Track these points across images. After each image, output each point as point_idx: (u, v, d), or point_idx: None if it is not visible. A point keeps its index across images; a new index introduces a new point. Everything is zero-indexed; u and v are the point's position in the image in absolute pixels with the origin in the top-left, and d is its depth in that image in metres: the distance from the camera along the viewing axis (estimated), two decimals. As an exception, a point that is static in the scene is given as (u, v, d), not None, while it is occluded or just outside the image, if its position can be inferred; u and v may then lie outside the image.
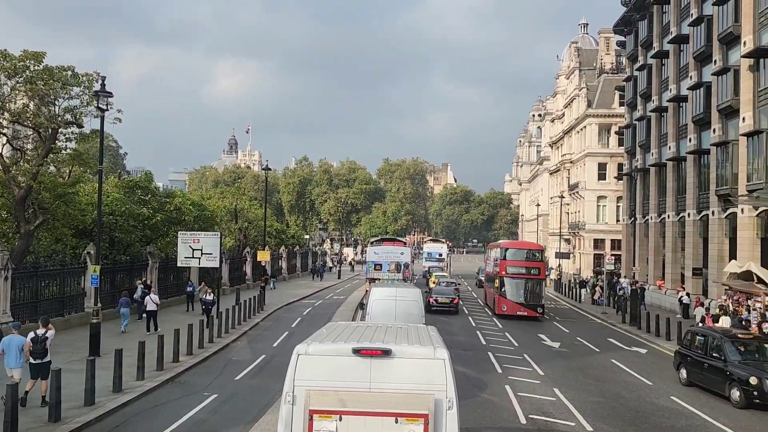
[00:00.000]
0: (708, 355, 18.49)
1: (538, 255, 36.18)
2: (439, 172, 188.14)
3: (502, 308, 34.31)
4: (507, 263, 34.69)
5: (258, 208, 60.16)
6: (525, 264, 34.76)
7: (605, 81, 66.93)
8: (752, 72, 30.64)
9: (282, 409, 7.90)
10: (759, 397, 16.35)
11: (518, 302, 34.09)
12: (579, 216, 67.65)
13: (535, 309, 34.14)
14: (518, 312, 33.82)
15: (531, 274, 34.52)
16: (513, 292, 34.25)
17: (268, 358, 21.67)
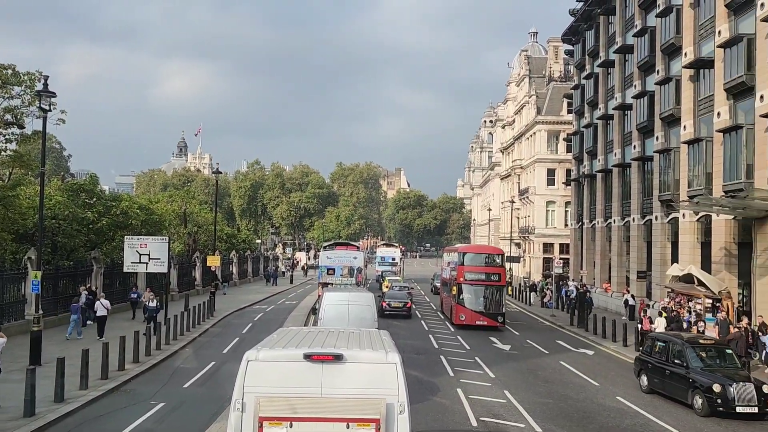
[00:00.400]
0: (669, 362, 17.98)
1: (498, 260, 33.64)
2: (393, 177, 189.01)
3: (460, 318, 31.82)
4: (465, 269, 32.32)
5: (208, 212, 59.21)
6: (484, 269, 32.49)
7: (554, 89, 68.46)
8: (693, 82, 31.82)
9: (231, 417, 7.77)
10: (723, 405, 15.84)
11: (477, 311, 31.65)
12: (529, 220, 68.93)
13: (496, 318, 31.73)
14: (477, 322, 31.42)
15: (491, 281, 32.16)
16: (472, 300, 31.81)
17: (217, 365, 21.28)
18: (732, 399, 15.75)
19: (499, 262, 33.53)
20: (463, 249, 36.15)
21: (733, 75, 27.06)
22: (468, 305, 31.81)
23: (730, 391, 15.84)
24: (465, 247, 42.55)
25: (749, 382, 16.18)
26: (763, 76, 25.08)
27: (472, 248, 40.53)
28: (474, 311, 31.71)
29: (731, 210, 25.51)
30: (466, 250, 35.23)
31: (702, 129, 30.85)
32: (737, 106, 27.81)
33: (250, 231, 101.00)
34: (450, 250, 41.11)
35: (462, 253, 33.86)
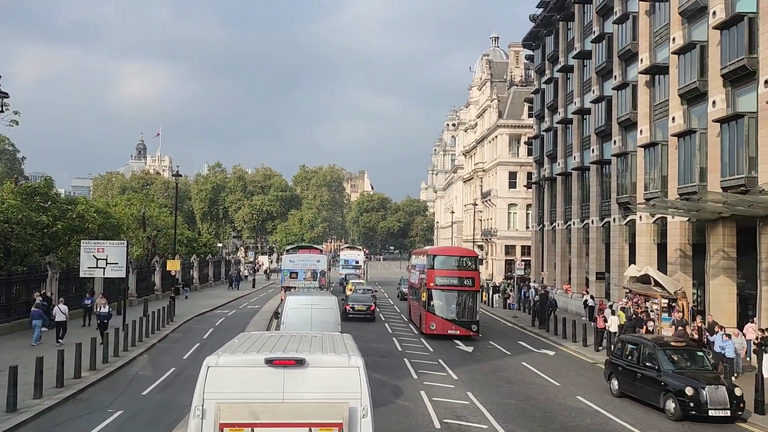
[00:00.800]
0: (640, 365, 17.66)
1: (471, 263, 31.04)
2: (356, 180, 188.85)
3: (430, 327, 29.42)
4: (436, 273, 29.79)
5: (168, 216, 58.24)
6: (457, 273, 29.90)
7: (515, 93, 69.41)
8: (648, 87, 32.61)
9: (191, 424, 7.65)
10: (695, 408, 15.55)
11: (449, 319, 29.31)
12: (491, 223, 69.66)
13: (470, 327, 29.32)
14: (449, 331, 29.13)
15: (464, 286, 29.66)
16: (443, 308, 29.44)
17: (177, 371, 20.90)
18: (705, 402, 15.48)
19: (473, 266, 31.04)
20: (433, 251, 33.50)
21: (687, 81, 27.82)
22: (439, 313, 29.46)
23: (703, 394, 15.56)
24: (435, 249, 39.47)
25: (722, 384, 15.96)
26: (715, 82, 25.85)
27: (443, 250, 37.38)
28: (446, 319, 29.36)
29: (686, 212, 26.20)
30: (437, 253, 32.54)
31: (658, 133, 31.63)
32: (691, 111, 28.61)
33: (212, 235, 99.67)
34: (418, 253, 38.32)
35: (432, 256, 31.25)
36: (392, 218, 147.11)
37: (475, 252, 36.63)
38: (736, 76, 24.62)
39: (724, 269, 25.49)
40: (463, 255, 32.35)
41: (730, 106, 25.28)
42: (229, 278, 65.13)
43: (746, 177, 23.08)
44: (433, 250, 34.51)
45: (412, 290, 36.24)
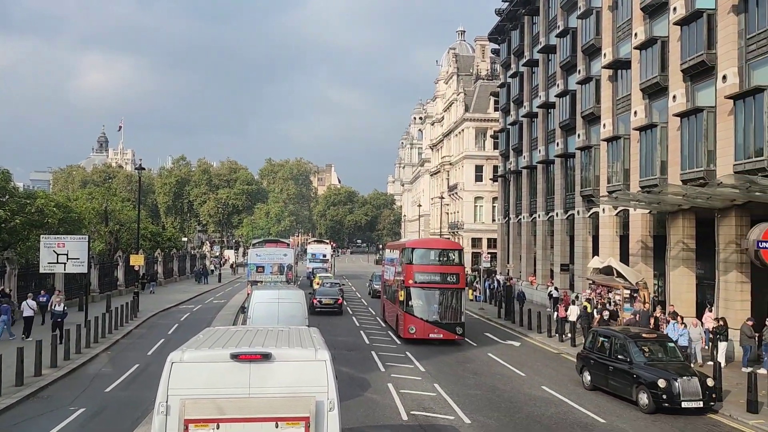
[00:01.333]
0: (612, 358, 17.54)
1: (455, 256, 27.48)
2: (323, 173, 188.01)
3: (409, 330, 26.09)
4: (415, 269, 26.37)
5: (131, 210, 57.24)
6: (439, 269, 26.59)
7: (481, 87, 69.87)
8: (611, 82, 33.14)
9: (155, 421, 7.55)
10: (668, 400, 15.48)
11: (431, 321, 25.98)
12: (458, 216, 70.13)
13: (454, 330, 25.97)
14: (431, 335, 25.87)
15: (447, 283, 26.29)
16: (423, 308, 26.09)
17: (142, 368, 20.60)
18: (677, 394, 15.44)
19: (457, 260, 27.49)
20: (411, 244, 29.48)
21: (649, 76, 28.36)
22: (419, 314, 26.07)
23: (676, 385, 15.52)
24: (414, 241, 34.75)
25: (694, 376, 15.96)
26: (676, 77, 26.41)
27: (423, 243, 32.82)
28: (427, 322, 25.99)
29: (647, 205, 26.75)
30: (416, 245, 28.61)
31: (620, 127, 32.19)
32: (652, 105, 29.18)
33: (176, 229, 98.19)
34: (393, 247, 34.58)
35: (410, 249, 27.52)
36: (359, 212, 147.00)
37: (459, 244, 33.17)
38: (696, 71, 25.18)
39: (684, 260, 26.13)
40: (446, 248, 28.81)
41: (689, 101, 25.86)
42: (195, 273, 64.32)
43: (705, 170, 23.66)
44: (411, 243, 30.19)
45: (387, 288, 32.41)
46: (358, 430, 13.86)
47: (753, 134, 21.27)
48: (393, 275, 30.50)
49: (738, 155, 21.98)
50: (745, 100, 21.69)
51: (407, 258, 27.15)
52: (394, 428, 14.25)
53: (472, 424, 14.72)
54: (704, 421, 15.35)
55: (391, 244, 39.92)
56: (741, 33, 22.79)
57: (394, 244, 36.87)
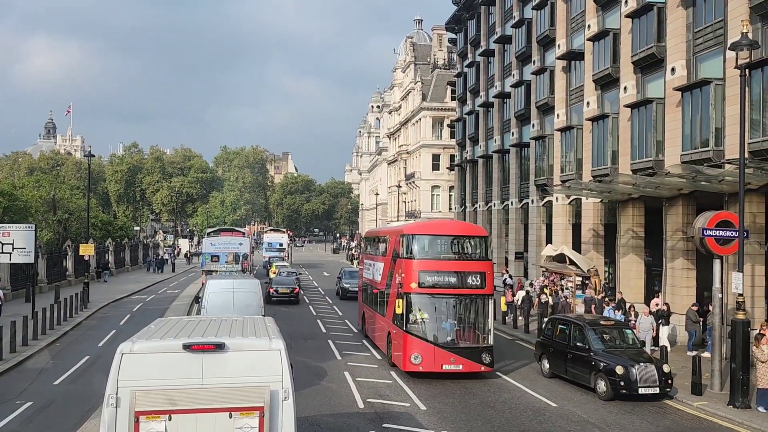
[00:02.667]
0: (571, 345, 17.41)
1: (477, 247, 19.40)
2: (280, 162, 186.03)
3: (412, 359, 17.79)
4: (419, 266, 18.33)
5: (80, 198, 55.71)
6: (455, 266, 18.59)
7: (438, 76, 70.12)
8: (565, 73, 33.67)
9: (104, 413, 7.39)
10: (625, 387, 15.51)
11: (446, 346, 17.98)
12: (415, 204, 70.48)
13: (479, 357, 18.01)
14: (446, 366, 17.78)
15: (468, 287, 18.24)
16: (434, 327, 18.22)
17: (92, 360, 20.12)
18: (635, 380, 15.53)
19: (481, 251, 19.30)
20: (411, 229, 20.03)
21: (601, 67, 28.91)
22: (430, 335, 18.04)
23: (633, 372, 15.59)
24: (416, 225, 22.97)
25: (650, 362, 16.12)
26: (627, 69, 26.99)
27: (430, 227, 21.19)
28: (439, 346, 17.86)
29: (598, 194, 27.36)
30: (419, 231, 19.66)
31: (573, 117, 32.78)
32: (604, 96, 29.78)
33: (128, 218, 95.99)
34: (380, 234, 25.31)
35: (411, 237, 19.10)
36: (317, 200, 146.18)
37: (482, 228, 23.57)
38: (646, 63, 25.79)
39: (633, 248, 26.85)
40: (464, 233, 20.13)
41: (640, 92, 26.48)
42: (148, 263, 63.04)
43: (654, 160, 24.30)
44: (411, 228, 20.57)
45: (369, 293, 23.78)
46: (313, 418, 13.85)
47: (699, 125, 21.93)
48: (381, 275, 21.79)
49: (685, 146, 22.64)
50: (693, 92, 22.32)
51: (406, 250, 19.00)
52: (350, 416, 14.28)
53: (428, 410, 14.87)
54: (654, 405, 15.79)
55: (374, 232, 29.62)
56: (689, 26, 23.42)
57: (380, 231, 27.73)
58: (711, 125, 21.31)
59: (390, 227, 29.01)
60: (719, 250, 16.43)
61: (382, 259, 21.93)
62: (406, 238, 19.29)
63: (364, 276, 25.42)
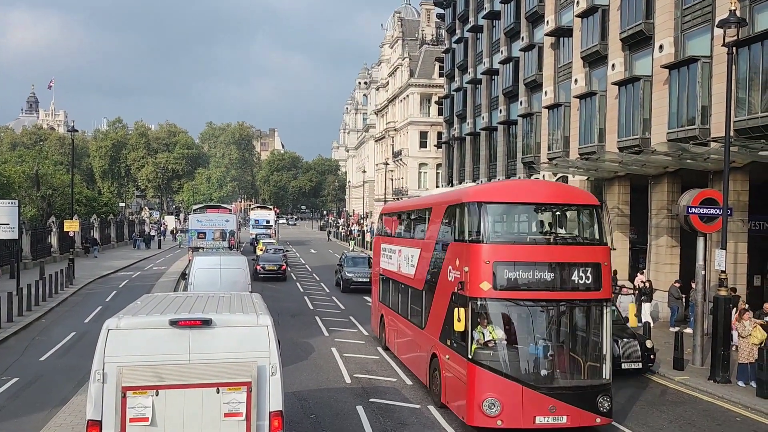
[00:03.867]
0: None
1: (588, 222, 12.96)
2: (267, 138, 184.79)
3: (485, 406, 11.22)
4: (497, 253, 11.69)
5: (64, 174, 55.10)
6: (554, 255, 12.02)
7: (426, 52, 69.63)
8: (553, 50, 33.54)
9: (91, 389, 7.42)
10: None
11: (542, 386, 11.32)
12: (403, 182, 70.42)
13: (593, 404, 11.45)
14: (542, 419, 11.22)
15: (573, 288, 11.81)
16: (523, 355, 11.60)
17: (78, 336, 20.07)
18: (618, 356, 15.45)
19: (592, 231, 12.88)
20: (480, 194, 12.80)
21: (589, 44, 28.81)
22: (512, 368, 11.50)
23: (617, 348, 15.46)
24: (488, 188, 16.36)
25: (633, 338, 16.27)
26: (615, 46, 26.92)
27: (511, 190, 13.76)
28: (532, 387, 11.30)
29: (585, 171, 27.44)
30: (493, 197, 12.73)
31: (561, 95, 32.73)
32: (592, 73, 29.72)
33: (113, 194, 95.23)
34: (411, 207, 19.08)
35: (479, 207, 12.18)
36: (304, 177, 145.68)
37: (589, 194, 15.89)
38: (634, 40, 25.73)
39: (619, 225, 27.04)
40: (566, 201, 13.28)
41: (628, 70, 26.45)
42: (133, 239, 62.71)
43: (640, 138, 24.37)
44: (479, 193, 13.32)
45: (391, 292, 18.08)
46: (301, 393, 13.94)
47: (686, 103, 21.99)
48: (415, 267, 15.45)
49: (671, 123, 22.71)
50: (680, 70, 22.33)
51: (471, 228, 12.22)
52: (338, 391, 14.39)
53: (414, 385, 15.00)
54: (636, 379, 16.03)
55: (401, 205, 22.80)
56: (677, 3, 23.34)
57: (412, 204, 21.31)
58: (698, 103, 21.37)
59: (435, 195, 21.28)
60: (703, 227, 16.58)
61: (419, 244, 15.14)
62: (471, 209, 12.14)
63: (382, 266, 18.91)
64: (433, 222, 14.61)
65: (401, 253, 17.00)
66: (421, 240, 15.39)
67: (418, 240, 15.68)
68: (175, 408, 7.34)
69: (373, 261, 21.72)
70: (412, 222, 17.34)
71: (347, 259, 33.70)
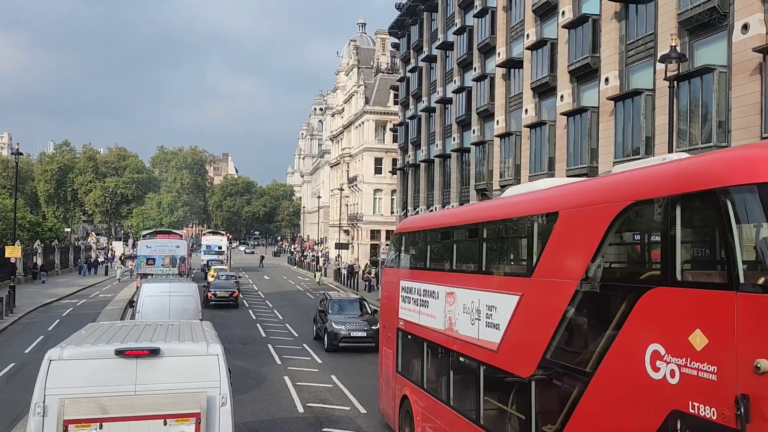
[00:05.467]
0: None
1: None
2: (220, 163, 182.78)
3: None
4: None
5: (7, 198, 53.28)
6: None
7: (381, 80, 70.41)
8: (505, 80, 34.40)
9: (30, 422, 7.10)
10: None
11: None
12: (357, 208, 70.46)
13: None
14: None
15: None
16: None
17: (18, 367, 19.21)
18: None
19: None
20: (746, 168, 4.79)
21: (539, 76, 29.67)
22: None
23: None
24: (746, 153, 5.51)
25: None
26: (563, 78, 27.79)
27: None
28: None
29: (536, 199, 28.00)
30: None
31: (512, 124, 33.50)
32: (542, 104, 30.57)
33: (59, 219, 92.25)
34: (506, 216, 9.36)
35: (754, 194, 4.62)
36: (258, 202, 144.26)
37: None
38: (582, 72, 26.63)
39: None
40: None
41: (575, 101, 27.32)
42: (79, 266, 60.82)
43: (588, 166, 25.10)
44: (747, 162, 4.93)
45: (428, 365, 11.41)
46: (252, 424, 13.64)
47: (631, 133, 22.81)
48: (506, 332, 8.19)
49: (617, 153, 23.48)
50: (625, 102, 23.19)
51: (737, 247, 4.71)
52: (290, 421, 14.13)
53: (368, 413, 14.85)
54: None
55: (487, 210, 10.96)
56: (622, 38, 24.34)
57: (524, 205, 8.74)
58: (642, 134, 22.19)
59: (559, 187, 8.53)
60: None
61: (517, 285, 8.18)
62: (745, 200, 4.80)
63: (404, 316, 12.27)
64: (576, 237, 6.97)
65: (455, 299, 9.76)
66: (524, 278, 7.99)
67: (515, 278, 8.36)
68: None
69: (383, 307, 14.53)
70: (495, 243, 9.66)
71: (332, 303, 24.69)
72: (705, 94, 19.40)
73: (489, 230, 9.57)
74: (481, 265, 9.41)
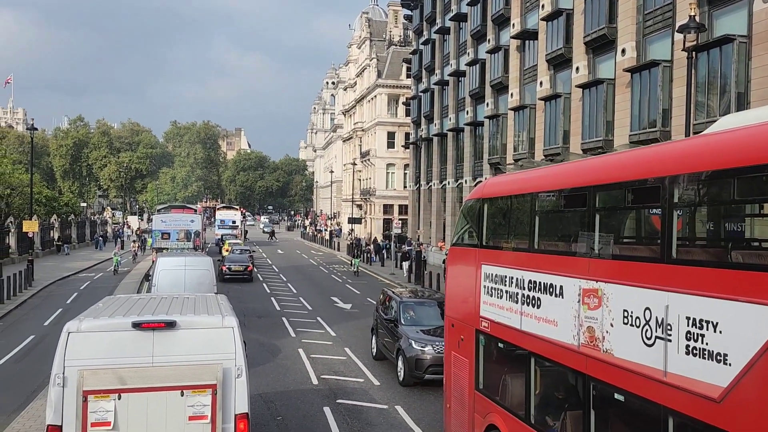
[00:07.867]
0: None
1: None
2: (233, 137, 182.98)
3: None
4: None
5: (23, 173, 53.73)
6: None
7: (394, 53, 69.74)
8: (519, 52, 33.93)
9: (51, 393, 7.24)
10: None
11: None
12: (370, 182, 70.40)
13: None
14: None
15: None
16: None
17: (37, 339, 19.57)
18: None
19: None
20: None
21: (554, 47, 29.21)
22: None
23: None
24: None
25: None
26: (579, 49, 27.35)
27: None
28: None
29: (550, 172, 27.81)
30: None
31: (527, 97, 33.12)
32: (557, 76, 30.15)
33: (74, 194, 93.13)
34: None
35: None
36: (270, 177, 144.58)
37: None
38: (598, 44, 26.18)
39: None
40: None
41: (591, 73, 26.91)
42: (95, 240, 61.49)
43: (603, 140, 24.81)
44: None
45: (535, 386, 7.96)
46: (267, 395, 13.83)
47: (648, 106, 22.46)
48: None
49: (633, 126, 23.17)
50: (642, 74, 22.80)
51: None
52: (305, 392, 14.31)
53: (381, 386, 15.01)
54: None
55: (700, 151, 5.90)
56: (639, 8, 23.83)
57: None
58: (659, 106, 21.85)
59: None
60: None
61: (746, 284, 4.73)
62: None
63: (490, 315, 9.10)
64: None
65: (604, 301, 6.51)
66: None
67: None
68: (138, 412, 7.21)
69: (449, 298, 11.06)
70: (704, 210, 6.03)
71: (403, 307, 16.33)
72: (724, 65, 19.01)
73: (689, 189, 5.65)
74: (670, 248, 5.67)
